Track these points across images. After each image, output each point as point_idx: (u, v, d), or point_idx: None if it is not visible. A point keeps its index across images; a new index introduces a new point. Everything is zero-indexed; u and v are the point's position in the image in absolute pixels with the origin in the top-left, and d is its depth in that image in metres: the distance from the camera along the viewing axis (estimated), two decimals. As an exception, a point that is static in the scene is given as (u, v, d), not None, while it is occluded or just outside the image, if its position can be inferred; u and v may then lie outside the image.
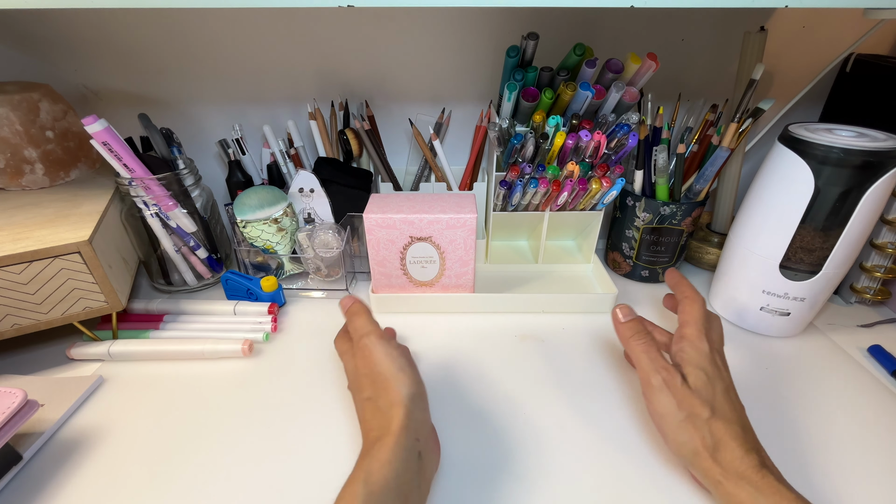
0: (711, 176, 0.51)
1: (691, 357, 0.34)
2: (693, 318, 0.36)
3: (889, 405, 0.41)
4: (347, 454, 0.36)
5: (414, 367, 0.33)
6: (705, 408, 0.31)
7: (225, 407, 0.40)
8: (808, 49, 0.56)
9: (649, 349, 0.34)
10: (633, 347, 0.35)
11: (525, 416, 0.39)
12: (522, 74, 0.47)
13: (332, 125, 0.57)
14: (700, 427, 0.31)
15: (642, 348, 0.35)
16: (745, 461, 0.29)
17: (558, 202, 0.52)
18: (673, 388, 0.32)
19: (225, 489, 0.34)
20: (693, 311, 0.36)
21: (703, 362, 0.33)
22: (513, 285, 0.57)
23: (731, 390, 0.34)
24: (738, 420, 0.32)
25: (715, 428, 0.31)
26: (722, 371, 0.34)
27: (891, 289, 0.52)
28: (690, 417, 0.31)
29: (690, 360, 0.34)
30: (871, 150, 0.38)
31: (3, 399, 0.33)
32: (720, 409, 0.32)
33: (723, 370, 0.34)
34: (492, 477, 0.34)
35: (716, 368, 0.33)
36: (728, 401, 0.32)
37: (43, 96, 0.48)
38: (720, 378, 0.33)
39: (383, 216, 0.46)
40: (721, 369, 0.34)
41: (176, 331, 0.48)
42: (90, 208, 0.45)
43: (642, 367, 0.34)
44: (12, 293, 0.39)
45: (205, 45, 0.55)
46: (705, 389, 0.32)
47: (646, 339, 0.35)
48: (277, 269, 0.58)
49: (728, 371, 0.35)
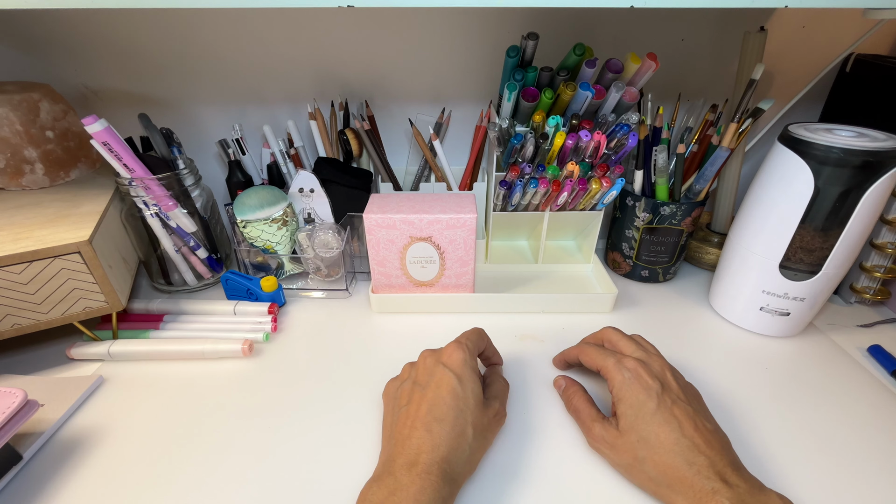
0: (711, 176, 0.51)
1: (619, 397, 0.33)
2: (597, 357, 0.37)
3: (889, 405, 0.41)
4: (347, 454, 0.36)
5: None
6: (638, 449, 0.31)
7: (225, 407, 0.40)
8: (808, 49, 0.56)
9: (577, 410, 0.37)
10: (570, 412, 0.38)
11: (525, 415, 0.39)
12: (522, 74, 0.47)
13: (332, 125, 0.57)
14: (643, 470, 0.31)
15: (573, 412, 0.37)
16: (696, 489, 0.28)
17: (558, 202, 0.52)
18: (601, 442, 0.33)
19: (225, 489, 0.34)
20: (592, 355, 0.37)
21: (629, 394, 0.33)
22: (513, 285, 0.57)
23: (664, 402, 0.32)
24: (674, 445, 0.30)
25: (655, 464, 0.30)
26: (651, 386, 0.32)
27: (891, 289, 0.52)
28: (630, 464, 0.31)
29: (619, 401, 0.33)
30: (871, 150, 0.38)
31: (3, 399, 0.33)
32: (654, 441, 0.30)
33: (652, 384, 0.33)
34: (491, 477, 0.34)
35: (643, 391, 0.32)
36: (661, 422, 0.31)
37: (43, 96, 0.48)
38: (647, 399, 0.32)
39: (383, 216, 0.46)
40: (650, 386, 0.33)
41: (176, 331, 0.48)
42: (90, 208, 0.45)
43: (579, 426, 0.36)
44: (12, 293, 0.39)
45: (205, 45, 0.55)
46: (633, 428, 0.32)
47: (576, 399, 0.37)
48: (277, 269, 0.58)
49: (660, 377, 0.34)
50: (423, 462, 0.28)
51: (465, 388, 0.32)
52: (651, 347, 0.38)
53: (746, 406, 0.41)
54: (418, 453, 0.29)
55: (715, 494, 0.27)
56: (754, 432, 0.38)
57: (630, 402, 0.33)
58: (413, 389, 0.33)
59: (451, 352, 0.35)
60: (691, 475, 0.29)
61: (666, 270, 0.57)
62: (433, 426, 0.30)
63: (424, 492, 0.26)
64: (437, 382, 0.32)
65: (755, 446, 0.37)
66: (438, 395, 0.32)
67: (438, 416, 0.30)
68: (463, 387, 0.32)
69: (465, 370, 0.33)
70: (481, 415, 0.33)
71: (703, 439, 0.30)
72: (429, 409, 0.31)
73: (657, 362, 0.36)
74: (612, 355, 0.36)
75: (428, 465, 0.28)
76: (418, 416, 0.30)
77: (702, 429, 0.31)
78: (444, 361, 0.34)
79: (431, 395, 0.32)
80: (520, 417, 0.39)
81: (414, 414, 0.31)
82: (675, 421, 0.31)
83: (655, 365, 0.35)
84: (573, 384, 0.39)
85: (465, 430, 0.31)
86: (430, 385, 0.32)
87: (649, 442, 0.31)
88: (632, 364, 0.34)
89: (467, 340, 0.37)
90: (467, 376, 0.33)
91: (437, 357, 0.35)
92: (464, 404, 0.32)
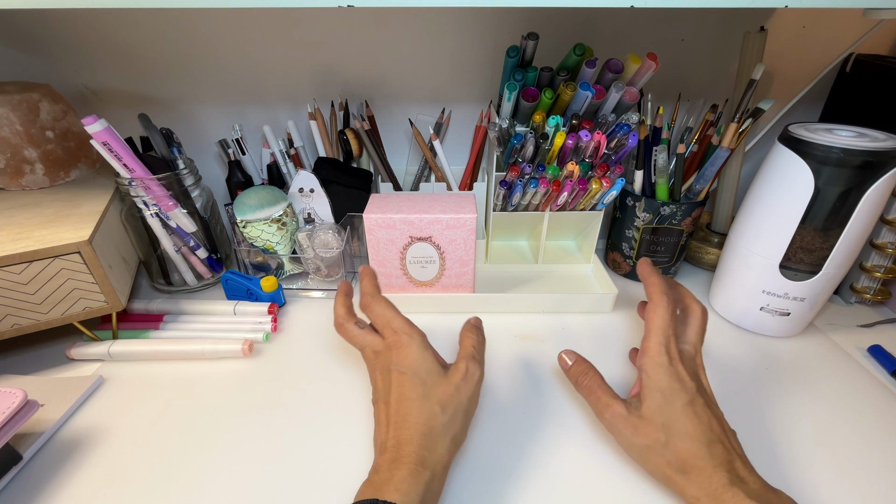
0: (711, 176, 0.51)
1: (649, 376, 0.33)
2: (654, 326, 0.35)
3: (889, 405, 0.41)
4: (347, 454, 0.36)
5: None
6: (661, 433, 0.31)
7: (225, 407, 0.40)
8: (808, 49, 0.56)
9: (591, 389, 0.35)
10: (580, 391, 0.36)
11: (525, 415, 0.39)
12: (522, 74, 0.47)
13: (332, 125, 0.57)
14: (661, 453, 0.31)
15: (585, 391, 0.36)
16: (713, 480, 0.28)
17: (558, 202, 0.52)
18: (620, 420, 0.33)
19: (225, 489, 0.34)
20: (655, 318, 0.35)
21: (661, 379, 0.32)
22: (513, 285, 0.57)
23: (696, 401, 0.32)
24: (701, 435, 0.30)
25: (676, 450, 0.30)
26: (686, 381, 0.32)
27: (891, 289, 0.52)
28: (649, 446, 0.31)
29: (648, 380, 0.33)
30: (871, 150, 0.38)
31: (3, 399, 0.33)
32: (679, 430, 0.31)
33: (687, 380, 0.32)
34: (491, 476, 0.34)
35: (676, 382, 0.32)
36: (690, 416, 0.31)
37: (43, 96, 0.48)
38: (682, 391, 0.32)
39: (383, 216, 0.46)
40: (685, 380, 0.32)
41: (176, 331, 0.48)
42: (90, 208, 0.45)
43: (592, 408, 0.35)
44: (12, 293, 0.39)
45: (205, 45, 0.55)
46: (660, 413, 0.31)
47: (588, 379, 0.36)
48: (277, 269, 0.58)
49: (697, 378, 0.34)
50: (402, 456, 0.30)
51: (417, 376, 0.33)
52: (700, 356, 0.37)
53: (746, 406, 0.41)
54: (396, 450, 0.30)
55: (732, 486, 0.28)
56: (754, 432, 0.38)
57: (661, 387, 0.32)
58: (379, 406, 0.34)
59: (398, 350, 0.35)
60: (711, 466, 0.29)
61: (666, 270, 0.57)
62: (401, 425, 0.31)
63: (405, 481, 0.28)
64: (396, 387, 0.33)
65: (755, 446, 0.36)
66: (399, 394, 0.33)
67: (403, 414, 0.32)
68: (416, 376, 0.33)
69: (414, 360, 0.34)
70: (445, 387, 0.33)
71: (727, 438, 0.31)
72: (396, 411, 0.32)
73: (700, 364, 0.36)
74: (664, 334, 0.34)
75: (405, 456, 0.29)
76: (389, 423, 0.32)
77: (727, 431, 0.32)
78: (395, 363, 0.34)
79: (394, 399, 0.33)
80: (520, 417, 0.39)
81: (385, 422, 0.32)
82: (705, 416, 0.31)
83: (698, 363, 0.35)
84: (582, 362, 0.37)
85: (433, 410, 0.32)
86: (391, 393, 0.33)
87: (674, 429, 0.31)
88: (675, 351, 0.34)
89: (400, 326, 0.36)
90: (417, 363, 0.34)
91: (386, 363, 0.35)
92: (422, 390, 0.32)
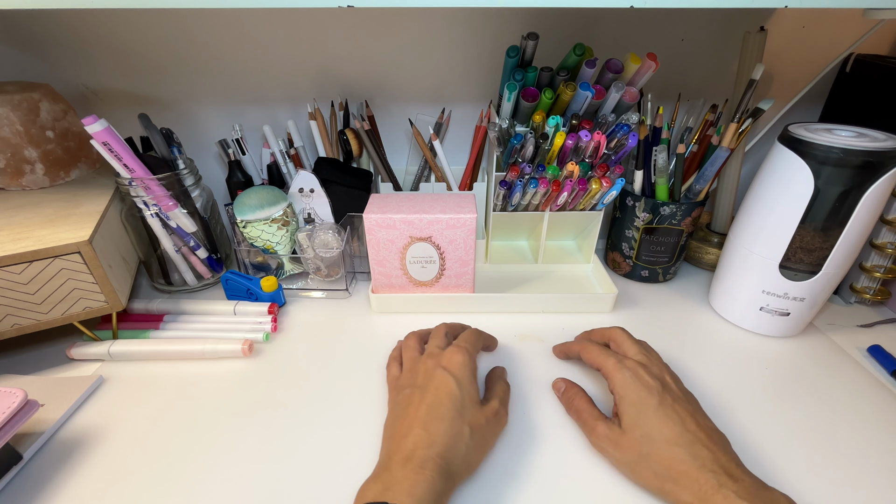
0: (711, 176, 0.51)
1: (620, 395, 0.34)
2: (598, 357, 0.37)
3: (889, 405, 0.41)
4: (347, 454, 0.36)
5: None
6: (642, 444, 0.31)
7: (225, 407, 0.40)
8: (808, 49, 0.56)
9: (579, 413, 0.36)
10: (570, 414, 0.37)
11: (524, 415, 0.39)
12: (522, 74, 0.47)
13: (332, 125, 0.57)
14: (647, 465, 0.31)
15: (575, 414, 0.37)
16: (701, 483, 0.28)
17: (558, 202, 0.52)
18: (605, 438, 0.33)
19: (225, 489, 0.34)
20: (593, 354, 0.38)
21: (629, 393, 0.33)
22: (513, 285, 0.57)
23: (665, 400, 0.32)
24: (678, 438, 0.30)
25: (659, 458, 0.30)
26: (651, 385, 0.33)
27: (890, 289, 0.52)
28: (635, 460, 0.31)
29: (620, 399, 0.34)
30: (870, 150, 0.38)
31: (3, 399, 0.33)
32: (657, 437, 0.31)
33: (651, 383, 0.33)
34: (491, 476, 0.34)
35: (643, 389, 0.33)
36: (663, 418, 0.31)
37: (43, 96, 0.48)
38: (649, 396, 0.32)
39: (383, 216, 0.46)
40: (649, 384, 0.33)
41: (176, 331, 0.48)
42: (90, 208, 0.45)
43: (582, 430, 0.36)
44: (12, 293, 0.39)
45: (205, 45, 0.55)
46: (637, 425, 0.32)
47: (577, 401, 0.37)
48: (277, 269, 0.58)
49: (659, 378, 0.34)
50: (419, 457, 0.29)
51: (462, 390, 0.33)
52: (654, 353, 0.39)
53: (746, 406, 0.41)
54: (414, 449, 0.29)
55: (721, 487, 0.28)
56: (754, 432, 0.38)
57: (631, 400, 0.33)
58: (413, 392, 0.34)
59: (452, 355, 0.36)
60: (696, 469, 0.29)
61: (666, 270, 0.57)
62: (430, 425, 0.31)
63: (418, 485, 0.27)
64: (436, 385, 0.33)
65: (755, 446, 0.36)
66: (437, 396, 0.33)
67: (436, 415, 0.31)
68: (461, 389, 0.33)
69: (464, 373, 0.35)
70: (479, 415, 0.33)
71: (705, 435, 0.31)
72: (427, 409, 0.32)
73: (657, 365, 0.36)
74: (613, 355, 0.36)
75: (423, 460, 0.28)
76: (417, 417, 0.31)
77: (703, 426, 0.32)
78: (445, 365, 0.35)
79: (430, 398, 0.32)
80: (520, 417, 0.39)
81: (413, 415, 0.32)
82: (678, 416, 0.31)
83: (655, 367, 0.36)
84: (573, 386, 0.39)
85: (462, 430, 0.31)
86: (429, 388, 0.33)
87: (653, 437, 0.31)
88: (632, 364, 0.35)
89: (466, 343, 0.38)
90: (466, 379, 0.34)
91: (437, 360, 0.36)
92: (461, 405, 0.32)
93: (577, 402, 0.37)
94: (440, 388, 0.33)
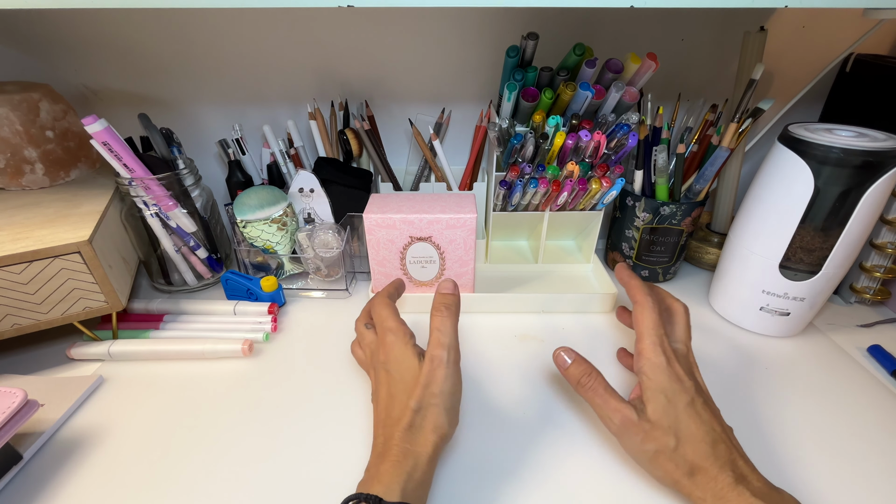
0: (711, 176, 0.51)
1: (649, 378, 0.33)
2: (645, 327, 0.35)
3: (889, 405, 0.41)
4: (347, 454, 0.36)
5: None
6: (670, 437, 0.31)
7: (225, 407, 0.40)
8: (808, 49, 0.56)
9: (597, 392, 0.34)
10: (583, 393, 0.35)
11: (524, 415, 0.40)
12: (522, 74, 0.47)
13: (332, 125, 0.57)
14: (671, 457, 0.31)
15: (590, 394, 0.34)
16: (719, 481, 0.29)
17: (558, 202, 0.52)
18: (631, 425, 0.32)
19: (225, 489, 0.34)
20: (644, 319, 0.35)
21: (661, 381, 0.32)
22: (513, 285, 0.57)
23: (697, 400, 0.32)
24: (705, 435, 0.31)
25: (684, 453, 0.30)
26: (685, 381, 0.33)
27: (890, 289, 0.52)
28: (659, 451, 0.31)
29: (649, 382, 0.33)
30: (871, 150, 0.38)
31: (3, 399, 0.33)
32: (685, 432, 0.31)
33: (685, 379, 0.33)
34: (490, 475, 0.34)
35: (676, 382, 0.32)
36: (693, 416, 0.31)
37: (43, 96, 0.48)
38: (682, 391, 0.32)
39: (383, 216, 0.46)
40: (683, 379, 0.33)
41: (176, 331, 0.48)
42: (90, 208, 0.45)
43: (597, 412, 0.34)
44: (12, 293, 0.39)
45: (205, 45, 0.55)
46: (666, 415, 0.31)
47: (592, 381, 0.34)
48: (277, 269, 0.58)
49: (692, 376, 0.34)
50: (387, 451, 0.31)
51: (399, 373, 0.34)
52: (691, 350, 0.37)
53: (746, 406, 0.41)
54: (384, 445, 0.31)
55: (737, 485, 0.28)
56: (754, 432, 0.38)
57: (663, 389, 0.32)
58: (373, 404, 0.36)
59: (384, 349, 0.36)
60: (716, 466, 0.29)
61: (666, 270, 0.57)
62: (387, 421, 0.33)
63: (388, 473, 0.29)
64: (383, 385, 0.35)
65: (755, 446, 0.36)
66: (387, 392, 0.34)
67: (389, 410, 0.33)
68: (398, 374, 0.34)
69: (396, 359, 0.35)
70: (413, 382, 0.33)
71: (727, 436, 0.32)
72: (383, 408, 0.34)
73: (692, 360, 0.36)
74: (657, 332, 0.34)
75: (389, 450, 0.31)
76: (379, 421, 0.33)
77: (726, 428, 0.33)
78: (382, 362, 0.35)
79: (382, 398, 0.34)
80: (519, 417, 0.39)
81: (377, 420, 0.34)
82: (706, 416, 0.32)
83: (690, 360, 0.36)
84: (583, 362, 0.35)
85: (409, 406, 0.32)
86: (380, 392, 0.35)
87: (681, 432, 0.31)
88: (670, 351, 0.34)
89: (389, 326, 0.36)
90: (399, 361, 0.35)
91: (377, 362, 0.36)
92: (402, 386, 0.34)
93: (594, 382, 0.34)
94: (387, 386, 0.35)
